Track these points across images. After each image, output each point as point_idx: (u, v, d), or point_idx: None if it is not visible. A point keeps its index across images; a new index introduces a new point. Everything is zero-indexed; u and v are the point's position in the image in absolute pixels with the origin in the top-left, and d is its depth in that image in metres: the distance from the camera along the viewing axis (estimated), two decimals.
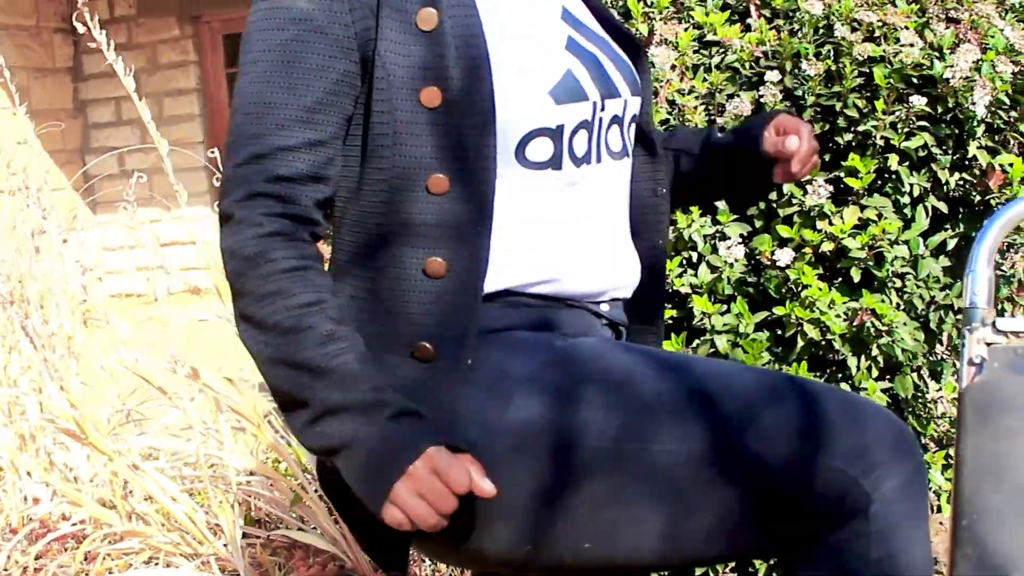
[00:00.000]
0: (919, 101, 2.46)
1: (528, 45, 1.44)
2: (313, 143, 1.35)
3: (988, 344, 1.42)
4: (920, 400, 2.79)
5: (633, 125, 1.59)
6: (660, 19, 2.66)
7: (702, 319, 2.57)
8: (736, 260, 2.52)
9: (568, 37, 1.49)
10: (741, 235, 2.58)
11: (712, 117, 2.54)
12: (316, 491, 2.95)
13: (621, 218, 1.57)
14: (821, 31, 2.57)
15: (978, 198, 2.62)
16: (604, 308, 1.54)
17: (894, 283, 2.57)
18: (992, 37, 2.57)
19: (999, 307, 2.70)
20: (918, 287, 2.58)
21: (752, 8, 2.65)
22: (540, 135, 1.42)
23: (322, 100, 1.35)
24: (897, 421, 1.39)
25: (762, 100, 2.49)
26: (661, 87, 2.53)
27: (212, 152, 3.62)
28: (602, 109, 1.48)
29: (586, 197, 1.49)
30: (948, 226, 2.65)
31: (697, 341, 2.59)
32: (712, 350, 2.59)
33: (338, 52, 1.35)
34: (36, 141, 8.42)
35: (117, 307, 8.31)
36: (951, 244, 2.64)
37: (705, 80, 2.54)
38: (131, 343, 3.58)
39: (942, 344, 2.72)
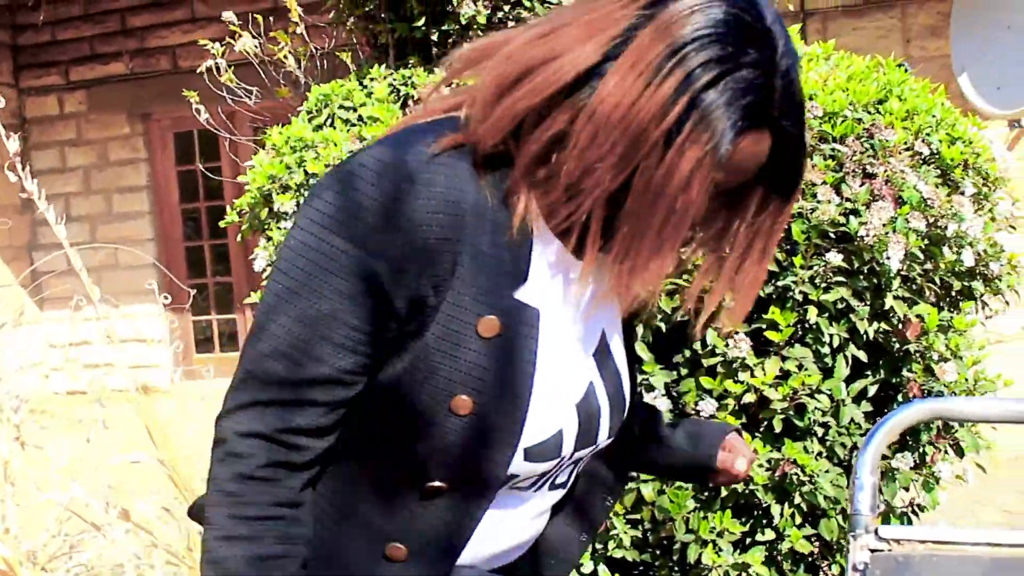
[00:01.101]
0: (835, 258, 2.57)
1: (547, 391, 1.35)
2: (340, 402, 1.27)
3: (872, 551, 1.50)
4: (847, 540, 2.87)
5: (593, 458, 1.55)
6: None
7: None
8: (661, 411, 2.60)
9: (589, 384, 1.42)
10: (666, 384, 2.67)
11: None
12: None
13: (527, 535, 1.53)
14: None
15: (897, 345, 2.72)
16: None
17: (815, 432, 2.66)
18: (905, 191, 2.68)
19: (923, 451, 2.79)
20: (840, 434, 2.67)
21: None
22: None
23: (363, 364, 1.26)
24: None
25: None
26: None
27: (153, 288, 3.68)
28: (569, 459, 1.42)
29: (503, 510, 1.44)
30: (869, 373, 2.74)
31: (623, 490, 2.66)
32: (638, 497, 2.66)
33: (392, 323, 1.25)
34: None
35: (63, 402, 8.29)
36: (872, 391, 2.73)
37: None
38: (67, 470, 3.61)
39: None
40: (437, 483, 1.32)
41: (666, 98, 1.17)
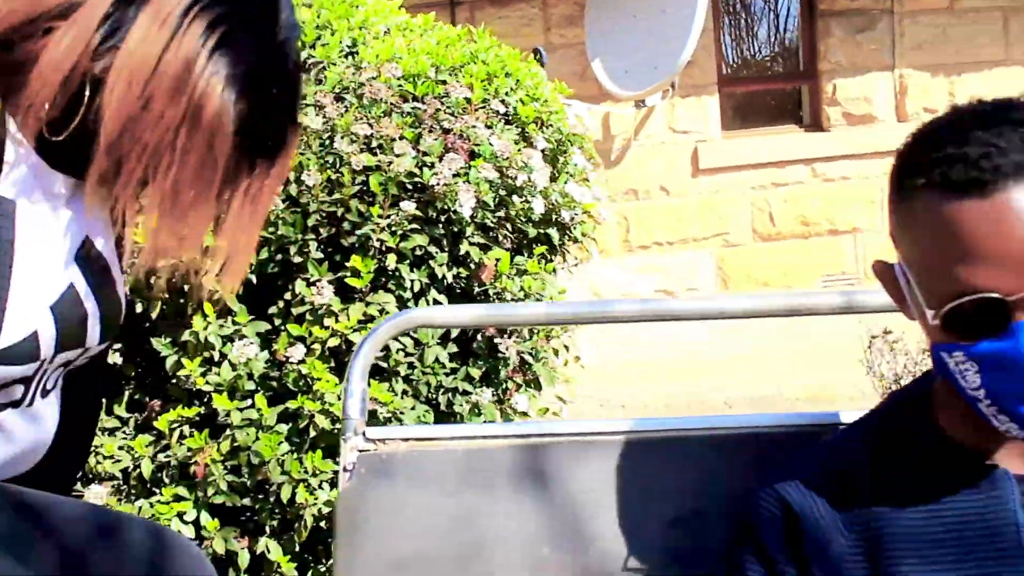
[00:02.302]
0: (409, 206, 2.59)
1: (21, 290, 1.24)
2: None
3: (360, 451, 1.51)
4: None
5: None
6: None
7: (226, 416, 2.59)
8: (248, 358, 2.56)
9: (67, 287, 1.31)
10: (258, 333, 2.63)
11: None
12: None
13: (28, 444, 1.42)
14: (325, 143, 2.66)
15: (477, 289, 2.77)
16: None
17: (400, 372, 2.67)
18: (481, 145, 2.73)
19: (504, 387, 2.85)
20: (424, 374, 2.69)
21: None
22: None
23: None
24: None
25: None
26: None
27: None
28: (50, 361, 1.32)
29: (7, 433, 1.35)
30: None
31: (221, 437, 2.61)
32: (235, 444, 2.61)
33: None
34: None
35: None
36: (455, 332, 2.77)
37: None
38: None
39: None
40: None
41: (188, 52, 1.15)
